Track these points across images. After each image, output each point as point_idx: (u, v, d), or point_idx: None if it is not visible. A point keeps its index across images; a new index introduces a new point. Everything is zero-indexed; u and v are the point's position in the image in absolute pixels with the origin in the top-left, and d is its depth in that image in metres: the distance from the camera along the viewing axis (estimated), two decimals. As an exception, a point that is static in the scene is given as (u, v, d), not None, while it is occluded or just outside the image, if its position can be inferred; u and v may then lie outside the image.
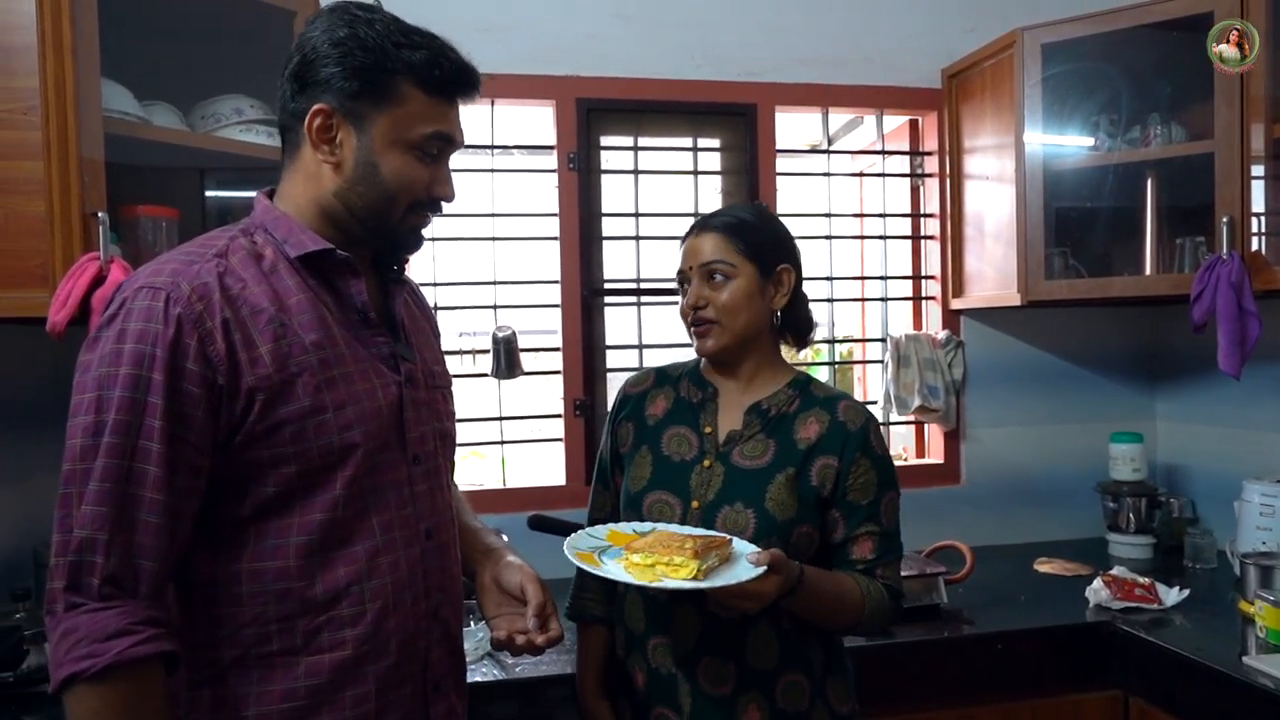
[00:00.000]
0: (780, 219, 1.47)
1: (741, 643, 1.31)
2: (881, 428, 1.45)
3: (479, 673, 1.68)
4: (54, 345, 1.43)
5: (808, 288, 2.47)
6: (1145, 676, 1.82)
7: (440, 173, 1.10)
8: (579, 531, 1.30)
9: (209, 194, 1.92)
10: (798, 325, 1.43)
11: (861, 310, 2.74)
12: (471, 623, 1.80)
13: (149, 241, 1.60)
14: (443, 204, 1.12)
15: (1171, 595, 1.98)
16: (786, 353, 1.48)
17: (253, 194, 1.14)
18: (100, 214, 1.45)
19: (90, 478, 0.93)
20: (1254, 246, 1.91)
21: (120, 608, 0.93)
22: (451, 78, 1.07)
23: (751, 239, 1.36)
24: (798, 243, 1.45)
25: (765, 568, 1.14)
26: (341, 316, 1.08)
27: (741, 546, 1.23)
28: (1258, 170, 1.90)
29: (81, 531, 0.93)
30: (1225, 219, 1.90)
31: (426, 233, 1.16)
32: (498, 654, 1.65)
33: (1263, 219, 1.93)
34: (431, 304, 2.28)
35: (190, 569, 1.02)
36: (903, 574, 1.91)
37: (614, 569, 1.18)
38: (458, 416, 2.35)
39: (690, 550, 1.15)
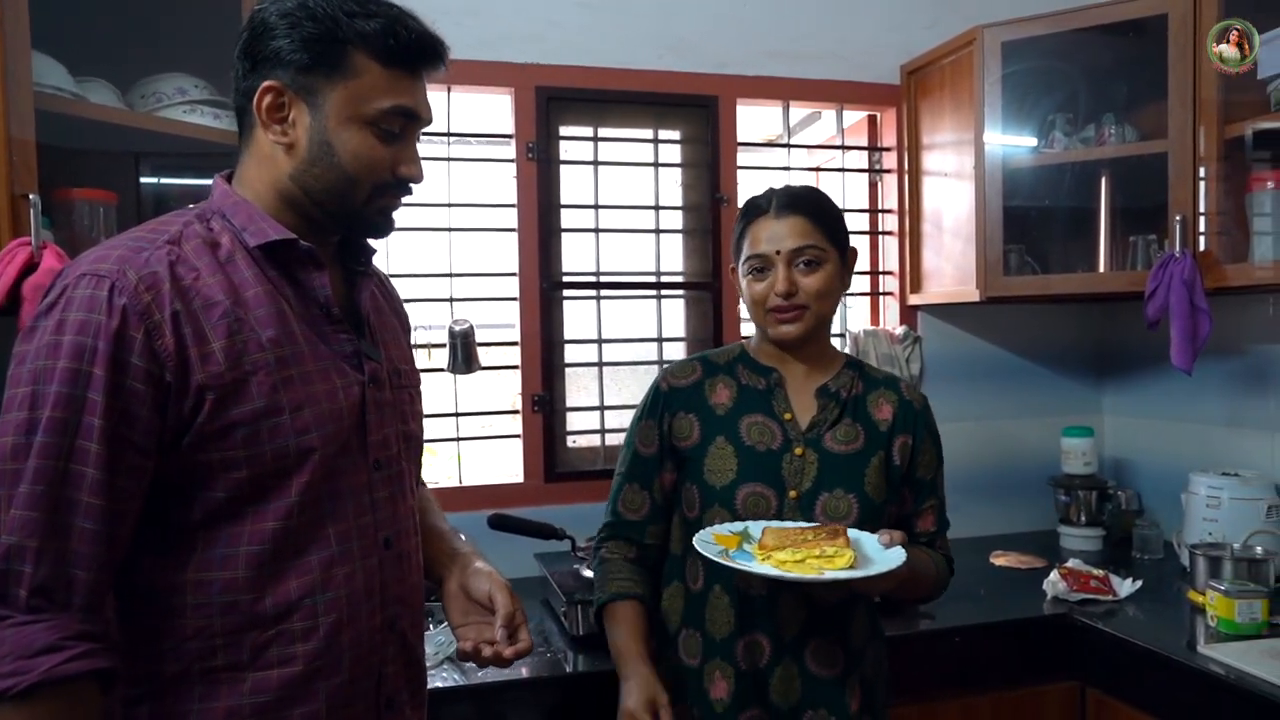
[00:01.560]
0: (830, 196, 1.43)
1: (847, 623, 1.33)
2: None
3: (439, 678, 1.62)
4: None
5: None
6: (1102, 667, 1.85)
7: (405, 152, 1.02)
8: (695, 538, 1.24)
9: (145, 180, 1.82)
10: None
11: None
12: (431, 626, 1.74)
13: (85, 227, 1.50)
14: (411, 185, 1.05)
15: (1125, 586, 2.02)
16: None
17: (194, 181, 1.06)
18: (31, 196, 1.36)
19: (21, 479, 0.85)
20: (1204, 245, 1.95)
21: (50, 621, 0.85)
22: (410, 47, 0.99)
23: (834, 223, 1.35)
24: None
25: (900, 547, 1.18)
26: (302, 311, 1.01)
27: (852, 532, 1.24)
28: (1208, 171, 1.93)
29: (9, 538, 0.85)
30: (1178, 218, 1.94)
31: (391, 231, 1.10)
32: (461, 662, 1.59)
33: (1209, 218, 1.96)
34: (385, 296, 2.23)
35: (131, 577, 0.95)
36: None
37: (768, 569, 1.15)
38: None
39: (841, 540, 1.17)
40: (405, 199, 1.09)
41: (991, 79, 2.19)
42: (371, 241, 1.14)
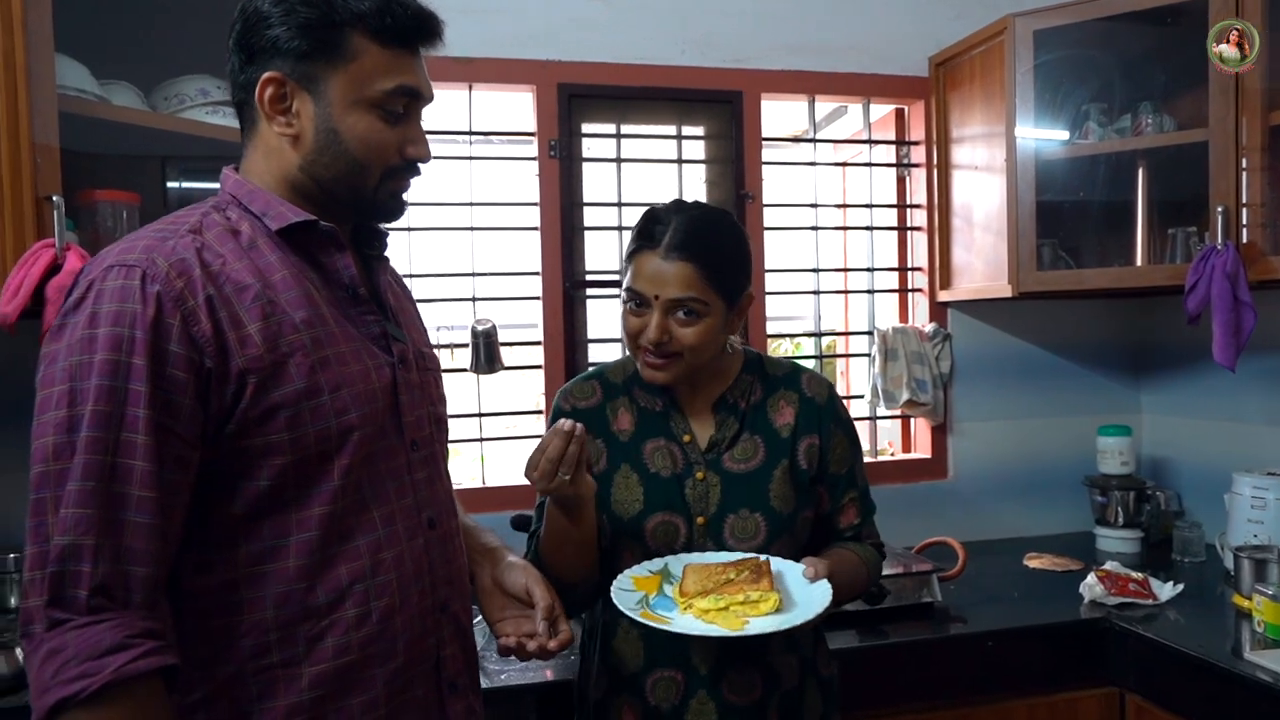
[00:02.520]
0: (739, 226, 1.33)
1: (764, 646, 1.27)
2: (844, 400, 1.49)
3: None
4: (4, 338, 1.33)
5: (793, 280, 2.42)
6: (1142, 673, 1.79)
7: (411, 131, 1.01)
8: (613, 586, 1.19)
9: (170, 184, 1.82)
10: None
11: (845, 303, 2.70)
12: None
13: (108, 228, 1.51)
14: (420, 165, 1.04)
15: (1165, 590, 1.95)
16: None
17: (216, 185, 1.05)
18: (55, 198, 1.37)
19: (68, 478, 0.83)
20: (1247, 237, 1.88)
21: (113, 620, 0.83)
22: (407, 25, 0.97)
23: (726, 271, 1.23)
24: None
25: (826, 580, 1.15)
26: (328, 294, 1.00)
27: (776, 563, 1.21)
28: (1252, 160, 1.87)
29: (63, 539, 0.82)
30: (1220, 209, 1.87)
31: (404, 213, 1.09)
32: (502, 657, 1.57)
33: (1255, 210, 1.90)
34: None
35: (177, 577, 0.93)
36: (893, 572, 1.91)
37: (689, 624, 1.10)
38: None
39: (752, 579, 1.13)
40: (419, 188, 1.08)
41: (1023, 69, 2.13)
42: (386, 227, 1.13)
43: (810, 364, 2.69)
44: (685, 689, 1.26)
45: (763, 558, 1.20)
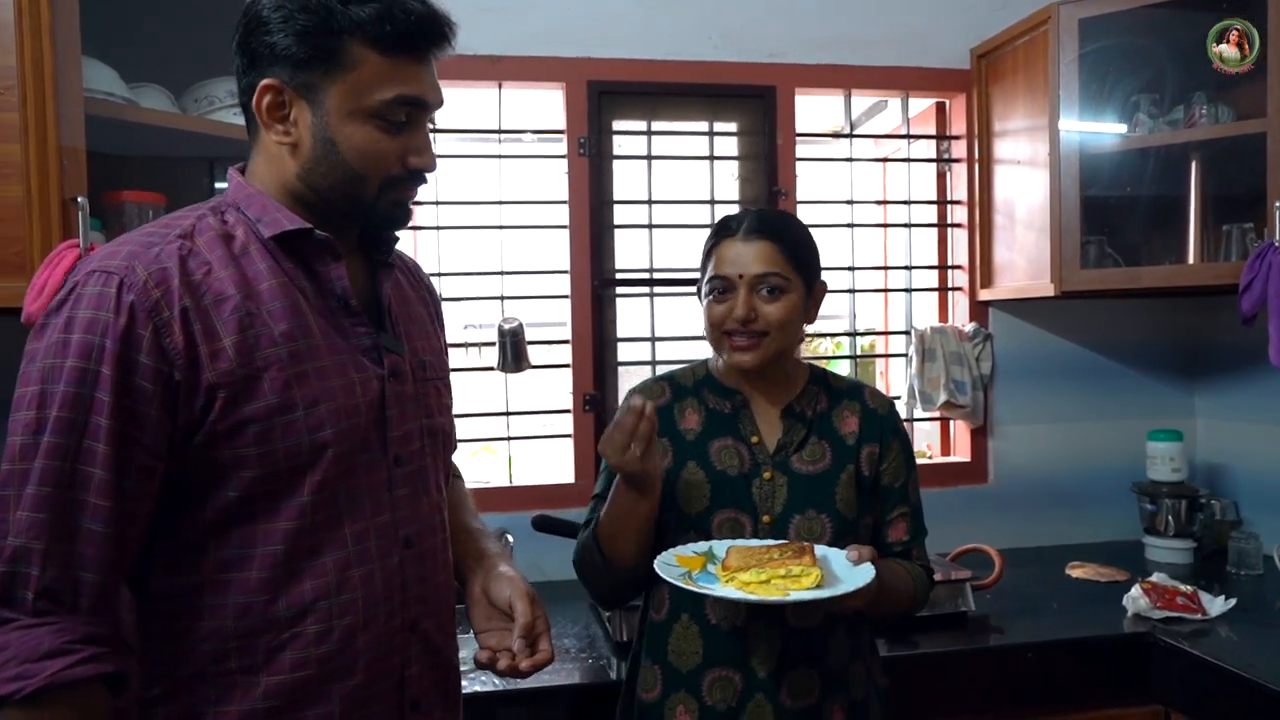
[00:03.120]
0: (805, 225, 1.39)
1: (824, 647, 1.28)
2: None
3: (478, 682, 1.59)
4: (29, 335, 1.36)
5: (829, 279, 2.39)
6: (1188, 692, 1.70)
7: (415, 141, 0.99)
8: (656, 560, 1.20)
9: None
10: None
11: (884, 301, 2.63)
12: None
13: (134, 229, 1.53)
14: (425, 175, 1.02)
15: (1216, 605, 1.86)
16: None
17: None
18: (80, 199, 1.39)
19: (28, 480, 0.85)
20: (1308, 233, 1.78)
21: (56, 624, 0.85)
22: (410, 31, 0.94)
23: (803, 253, 1.31)
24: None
25: (869, 563, 1.14)
26: (320, 304, 0.99)
27: (820, 549, 1.21)
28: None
29: (16, 540, 0.84)
30: (1278, 204, 1.77)
31: (427, 218, 1.08)
32: (503, 677, 1.56)
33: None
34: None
35: (147, 578, 0.95)
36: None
37: (730, 591, 1.10)
38: (463, 411, 2.29)
39: (808, 558, 1.13)
40: (449, 188, 1.07)
41: (1068, 59, 2.05)
42: (402, 233, 1.11)
43: (846, 364, 2.63)
44: (743, 691, 1.25)
45: (802, 543, 1.20)
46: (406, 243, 2.35)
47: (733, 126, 2.37)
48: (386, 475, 1.02)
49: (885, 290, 2.59)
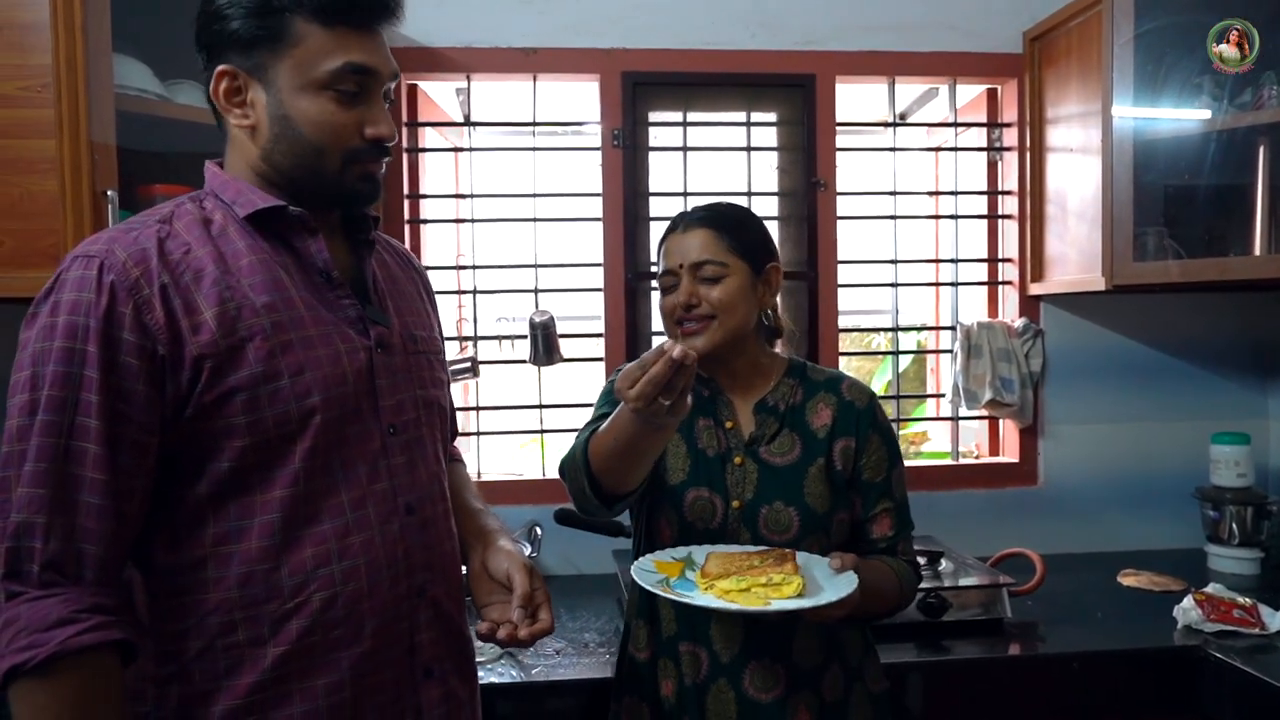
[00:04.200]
0: (755, 214, 1.41)
1: (789, 643, 1.26)
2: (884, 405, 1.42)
3: (494, 673, 1.60)
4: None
5: (874, 272, 2.33)
6: (1241, 711, 1.60)
7: (370, 112, 1.01)
8: (634, 567, 1.20)
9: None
10: (769, 329, 1.41)
11: (935, 296, 2.55)
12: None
13: (166, 222, 1.57)
14: (386, 146, 1.03)
15: (1277, 619, 1.74)
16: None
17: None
18: (110, 192, 1.44)
19: (26, 459, 0.89)
20: (1385, 222, 1.65)
21: (63, 595, 0.88)
22: (349, 3, 0.98)
23: (744, 237, 1.32)
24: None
25: (853, 571, 1.14)
26: (303, 278, 1.02)
27: (802, 556, 1.20)
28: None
29: (18, 516, 0.88)
30: (1350, 191, 1.65)
31: (464, 211, 1.09)
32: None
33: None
34: (470, 288, 2.25)
35: (151, 556, 0.98)
36: (964, 583, 1.79)
37: (710, 599, 1.09)
38: (496, 403, 2.30)
39: (789, 565, 1.12)
40: (483, 180, 1.09)
41: (1121, 40, 1.94)
42: (436, 227, 1.14)
43: (890, 361, 2.56)
44: (707, 672, 1.26)
45: (785, 550, 1.19)
46: (443, 235, 2.38)
47: (771, 116, 2.32)
48: (381, 443, 1.04)
49: (936, 284, 2.51)
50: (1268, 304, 2.35)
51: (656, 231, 2.26)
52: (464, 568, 1.18)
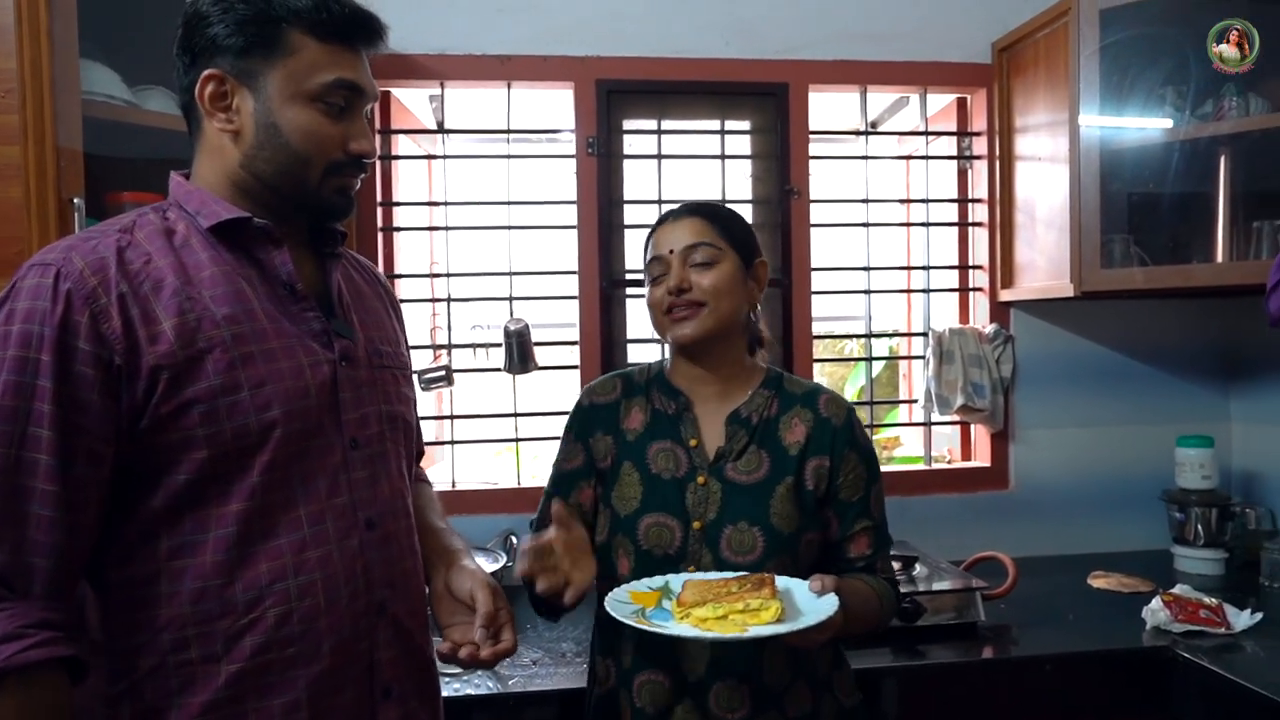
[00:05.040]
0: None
1: (758, 663, 1.23)
2: (863, 417, 1.39)
3: (470, 685, 1.59)
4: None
5: (847, 279, 2.34)
6: (1208, 710, 1.63)
7: (354, 127, 1.02)
8: (608, 598, 1.16)
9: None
10: (753, 337, 1.38)
11: (908, 303, 2.57)
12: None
13: (134, 230, 1.55)
14: (365, 162, 1.04)
15: (1242, 618, 1.78)
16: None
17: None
18: (76, 200, 1.41)
19: None
20: (1342, 230, 1.70)
21: (9, 610, 0.86)
22: (345, 20, 0.99)
23: (735, 228, 1.32)
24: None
25: (834, 593, 1.10)
26: (266, 290, 1.01)
27: (781, 580, 1.16)
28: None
29: None
30: (1308, 199, 1.69)
31: (437, 219, 1.10)
32: (467, 669, 1.54)
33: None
34: (445, 296, 2.23)
35: (103, 570, 0.95)
36: (938, 588, 1.80)
37: (688, 629, 1.07)
38: (471, 412, 2.29)
39: (768, 590, 1.09)
40: (457, 187, 1.11)
41: (1088, 51, 1.98)
42: (409, 235, 1.13)
43: (864, 368, 2.58)
44: (672, 696, 1.23)
45: (764, 575, 1.15)
46: (418, 243, 2.37)
47: (745, 125, 2.34)
48: (342, 457, 1.03)
49: (908, 291, 2.53)
50: (1229, 309, 2.40)
51: (631, 238, 2.28)
52: (426, 588, 1.17)
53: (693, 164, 2.33)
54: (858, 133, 2.43)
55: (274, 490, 0.97)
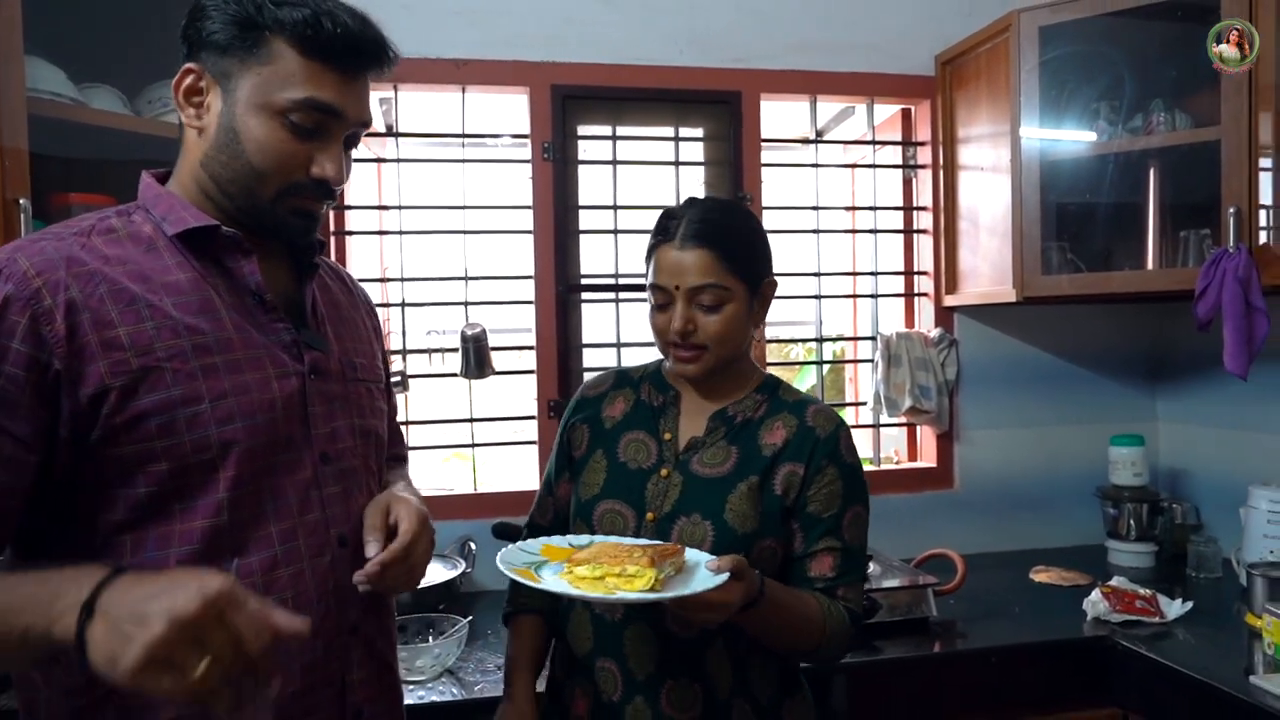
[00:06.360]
0: (755, 217, 1.34)
1: (703, 664, 1.21)
2: (852, 433, 1.32)
3: (435, 692, 1.58)
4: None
5: (796, 284, 2.38)
6: (1146, 694, 1.72)
7: (325, 151, 0.97)
8: (510, 546, 1.17)
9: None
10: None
11: (853, 307, 2.64)
12: (431, 638, 1.70)
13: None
14: (330, 188, 0.99)
15: (1174, 608, 1.87)
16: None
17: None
18: (22, 201, 1.36)
19: None
20: (1262, 240, 1.80)
21: None
22: (334, 40, 0.94)
23: (743, 254, 1.24)
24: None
25: (727, 574, 1.04)
26: (234, 300, 0.98)
27: (696, 555, 1.12)
28: (1267, 161, 1.79)
29: None
30: (1232, 210, 1.79)
31: (390, 223, 1.08)
32: (456, 670, 1.53)
33: (1270, 211, 1.82)
34: (399, 300, 2.21)
35: None
36: (891, 585, 1.85)
37: (556, 583, 1.05)
38: (426, 418, 2.27)
39: (646, 559, 1.04)
40: (412, 191, 1.07)
41: (1028, 67, 2.06)
42: (364, 239, 1.11)
43: (814, 371, 2.63)
44: (624, 690, 1.21)
45: (677, 545, 1.12)
46: (370, 247, 2.34)
47: (699, 132, 2.37)
48: (313, 473, 1.00)
49: (854, 296, 2.60)
50: (1158, 315, 2.52)
51: (587, 244, 2.29)
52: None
53: (647, 170, 2.35)
54: (807, 141, 2.48)
55: (242, 506, 0.94)
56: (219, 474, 0.92)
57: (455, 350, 2.15)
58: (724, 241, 1.22)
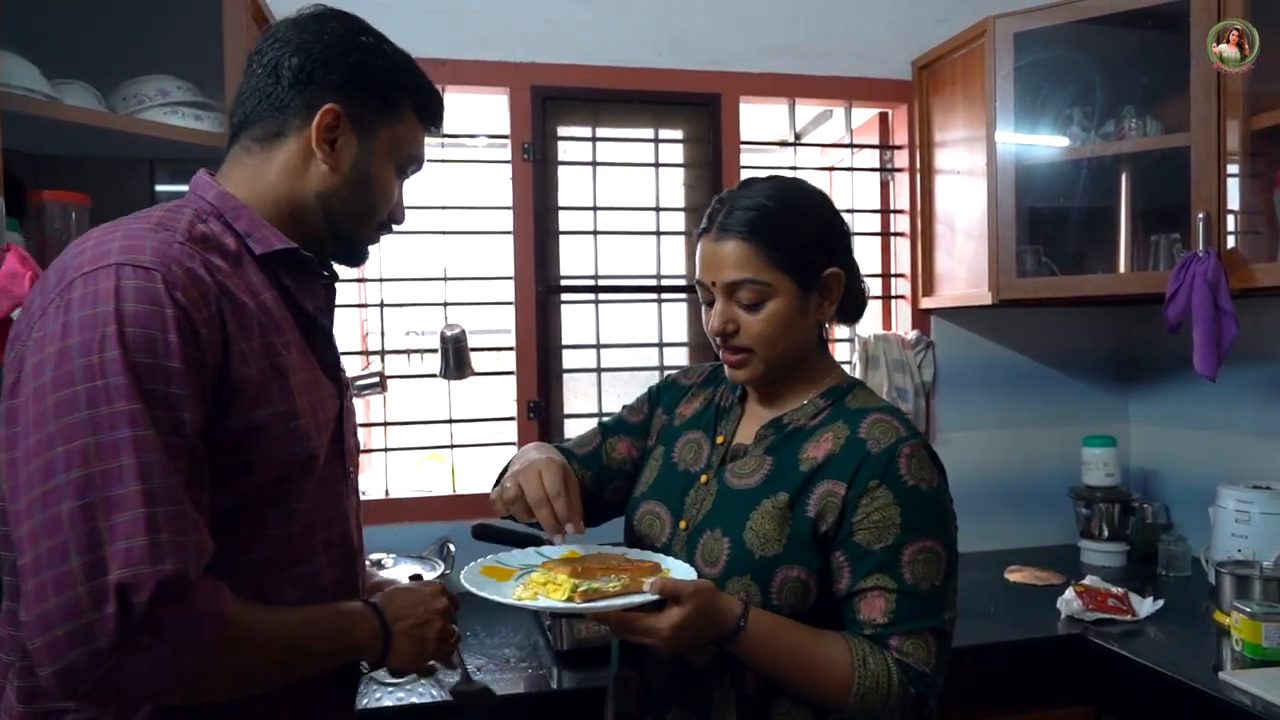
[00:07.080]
0: (819, 196, 1.17)
1: (707, 697, 1.09)
2: (927, 452, 1.11)
3: (415, 693, 1.57)
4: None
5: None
6: (1118, 692, 1.74)
7: (400, 196, 1.11)
8: (514, 551, 1.19)
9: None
10: (846, 312, 1.21)
11: (831, 309, 2.66)
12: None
13: (56, 229, 1.48)
14: (395, 226, 1.13)
15: (1145, 606, 1.90)
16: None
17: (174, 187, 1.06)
18: (-5, 198, 1.34)
19: (120, 479, 0.77)
20: (1230, 244, 1.84)
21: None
22: (438, 110, 1.10)
23: (787, 244, 1.08)
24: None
25: (654, 596, 0.96)
26: (298, 320, 1.02)
27: (686, 573, 1.07)
28: (1235, 167, 1.83)
29: (129, 541, 0.76)
30: (1201, 215, 1.83)
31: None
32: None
33: (1238, 216, 1.85)
34: (378, 301, 2.20)
35: None
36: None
37: (474, 583, 1.07)
38: (405, 419, 2.27)
39: (566, 571, 1.07)
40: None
41: (1003, 72, 2.09)
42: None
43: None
44: (643, 703, 1.16)
45: (655, 561, 1.10)
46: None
47: (678, 134, 2.38)
48: (344, 485, 1.07)
49: (831, 298, 2.61)
50: (1130, 317, 2.56)
51: (567, 244, 2.29)
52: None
53: (627, 171, 2.36)
54: (786, 144, 2.50)
55: (303, 518, 0.98)
56: (294, 486, 0.96)
57: (434, 351, 2.14)
58: (765, 231, 1.08)
